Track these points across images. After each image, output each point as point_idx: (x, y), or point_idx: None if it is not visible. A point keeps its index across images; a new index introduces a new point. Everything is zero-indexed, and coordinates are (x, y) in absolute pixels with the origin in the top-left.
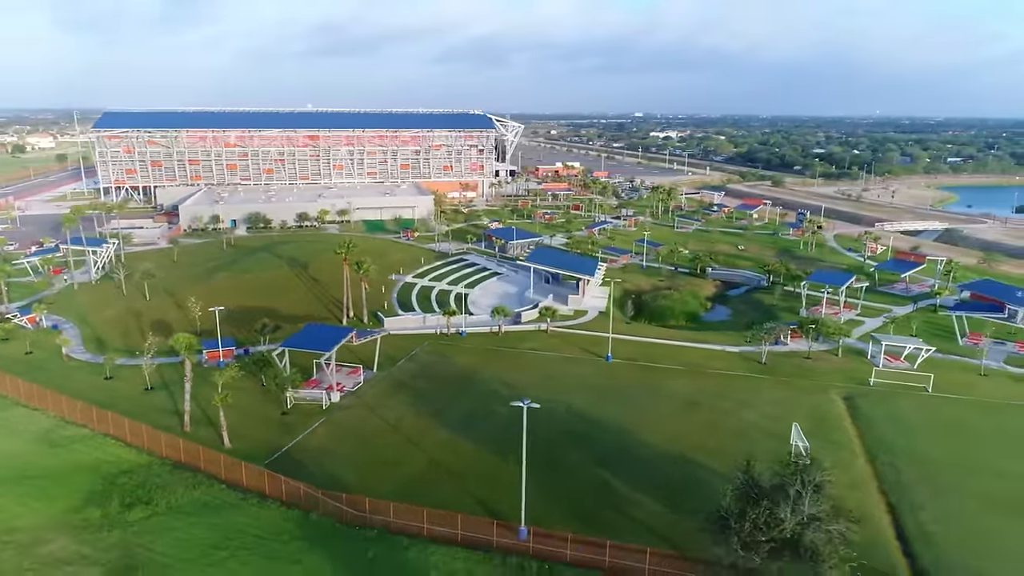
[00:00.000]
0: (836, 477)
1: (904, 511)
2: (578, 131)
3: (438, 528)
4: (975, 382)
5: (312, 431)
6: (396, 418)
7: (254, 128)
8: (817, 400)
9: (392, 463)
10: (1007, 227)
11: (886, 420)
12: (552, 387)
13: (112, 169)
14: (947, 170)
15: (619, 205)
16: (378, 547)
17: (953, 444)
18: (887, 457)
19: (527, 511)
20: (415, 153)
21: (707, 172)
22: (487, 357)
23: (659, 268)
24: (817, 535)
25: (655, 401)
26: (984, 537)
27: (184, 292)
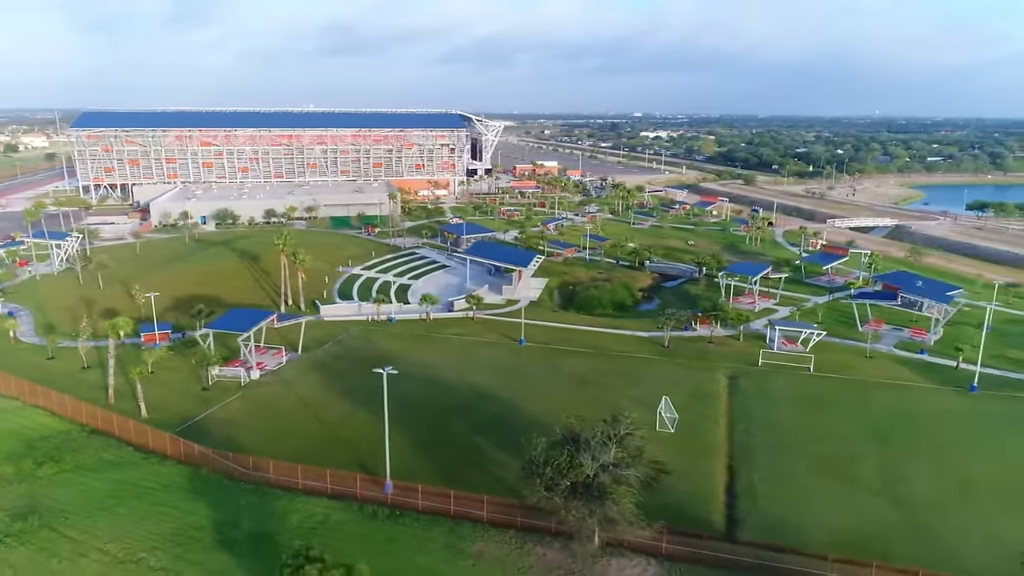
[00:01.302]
0: (692, 443)
1: (740, 470)
2: (571, 131)
3: (311, 483)
4: (858, 363)
5: (225, 404)
6: (307, 394)
7: (230, 128)
8: (703, 378)
9: (292, 432)
10: (955, 223)
11: (758, 395)
12: (461, 367)
13: (91, 167)
14: (920, 169)
15: (581, 202)
16: (253, 497)
17: (810, 415)
18: (744, 426)
19: (405, 470)
20: (387, 152)
21: (684, 171)
22: (410, 341)
23: (602, 261)
24: (606, 477)
25: (550, 379)
26: (800, 492)
27: (137, 282)
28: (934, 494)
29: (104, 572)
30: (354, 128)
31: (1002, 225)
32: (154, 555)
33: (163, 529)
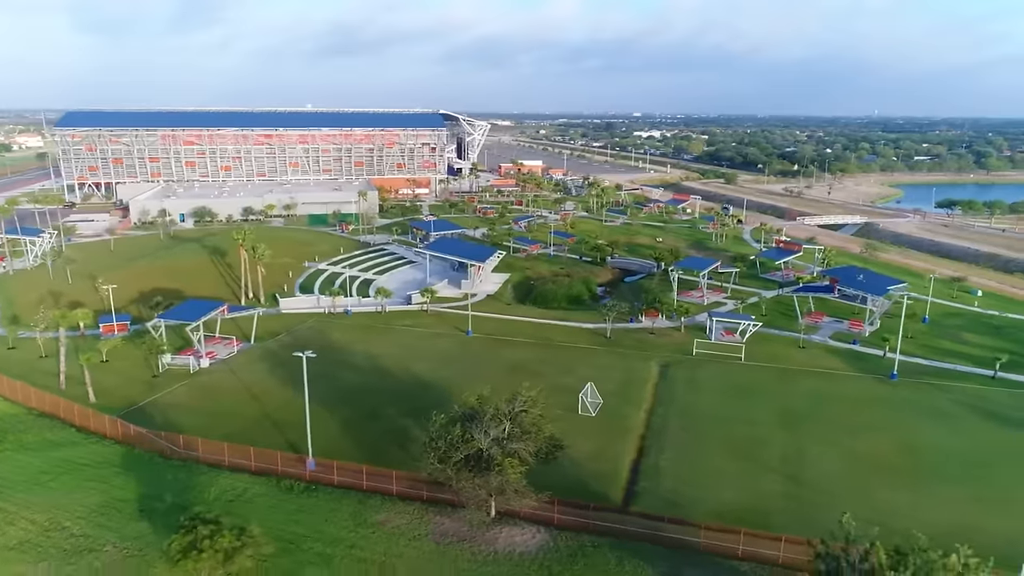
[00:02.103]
0: (610, 426)
1: (649, 451)
2: (566, 131)
3: (237, 460)
4: (790, 353)
5: (171, 390)
6: (252, 381)
7: (212, 127)
8: (636, 367)
9: (230, 415)
10: (924, 221)
11: (685, 382)
12: (406, 356)
13: (75, 166)
14: (903, 168)
15: (557, 200)
16: (179, 473)
17: (730, 401)
18: (664, 410)
19: (333, 450)
20: (369, 151)
21: (668, 170)
22: (361, 332)
23: (564, 257)
24: (496, 450)
25: (489, 367)
26: (701, 471)
27: (107, 277)
28: (828, 472)
29: (28, 539)
30: (336, 128)
31: (968, 223)
32: (77, 524)
33: (90, 501)
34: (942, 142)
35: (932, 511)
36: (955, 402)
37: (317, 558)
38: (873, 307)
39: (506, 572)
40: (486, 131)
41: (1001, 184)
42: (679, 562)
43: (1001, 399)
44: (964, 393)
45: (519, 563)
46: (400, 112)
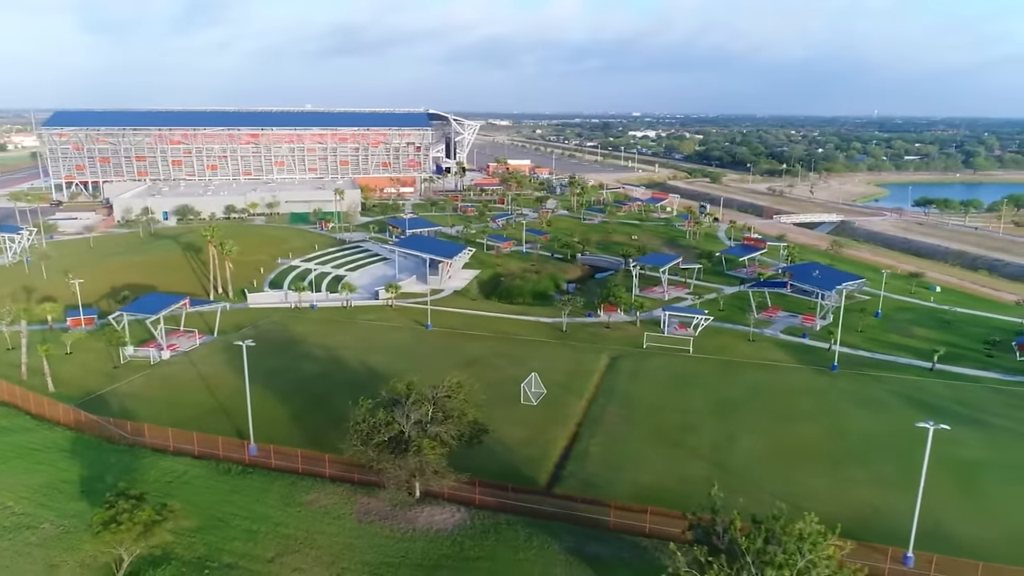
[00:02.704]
0: (550, 414)
1: (582, 437)
2: (562, 130)
3: (181, 445)
4: (739, 346)
5: (130, 380)
6: (209, 372)
7: (198, 127)
8: (586, 359)
9: (183, 403)
10: (900, 219)
11: (630, 374)
12: (364, 348)
13: (63, 165)
14: (891, 168)
15: (538, 199)
16: (124, 456)
17: (671, 391)
18: (604, 400)
19: (278, 435)
20: (354, 150)
21: (656, 169)
22: (324, 326)
23: (534, 254)
24: (416, 433)
25: (443, 359)
26: (628, 456)
27: (83, 273)
28: (753, 458)
29: None
30: (322, 127)
31: (943, 221)
32: (20, 503)
33: (35, 482)
34: (935, 142)
35: (844, 492)
36: (890, 392)
37: (243, 534)
38: (823, 302)
39: (420, 547)
40: (475, 131)
41: (988, 183)
42: (586, 538)
43: (935, 389)
44: (900, 384)
45: (434, 539)
46: (386, 112)
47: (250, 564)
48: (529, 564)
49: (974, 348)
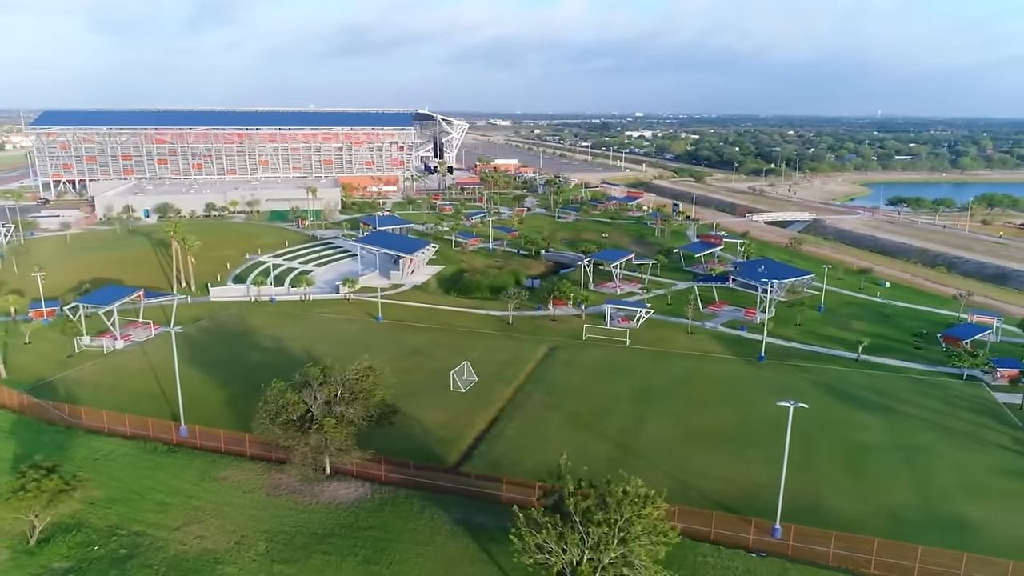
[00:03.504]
0: (475, 400)
1: (500, 421)
2: (561, 130)
3: (115, 426)
4: (676, 338)
5: (81, 368)
6: (159, 361)
7: (183, 126)
8: (524, 349)
9: (127, 389)
10: (871, 217)
11: (563, 363)
12: (312, 339)
13: (50, 164)
14: (877, 167)
15: (516, 198)
16: (58, 436)
17: (598, 379)
18: (531, 388)
19: (212, 418)
20: (338, 149)
21: (644, 169)
22: (279, 318)
23: (498, 251)
24: (321, 412)
25: (388, 349)
26: (539, 439)
27: (52, 268)
28: (658, 441)
29: None
30: (306, 127)
31: (913, 219)
32: None
33: None
34: (929, 142)
35: (735, 471)
36: (809, 381)
37: (156, 505)
38: (762, 295)
39: (319, 518)
40: (464, 131)
41: (973, 183)
42: (475, 511)
43: (854, 379)
44: (822, 373)
45: (333, 511)
46: (370, 112)
47: (156, 532)
48: (416, 533)
49: (905, 340)
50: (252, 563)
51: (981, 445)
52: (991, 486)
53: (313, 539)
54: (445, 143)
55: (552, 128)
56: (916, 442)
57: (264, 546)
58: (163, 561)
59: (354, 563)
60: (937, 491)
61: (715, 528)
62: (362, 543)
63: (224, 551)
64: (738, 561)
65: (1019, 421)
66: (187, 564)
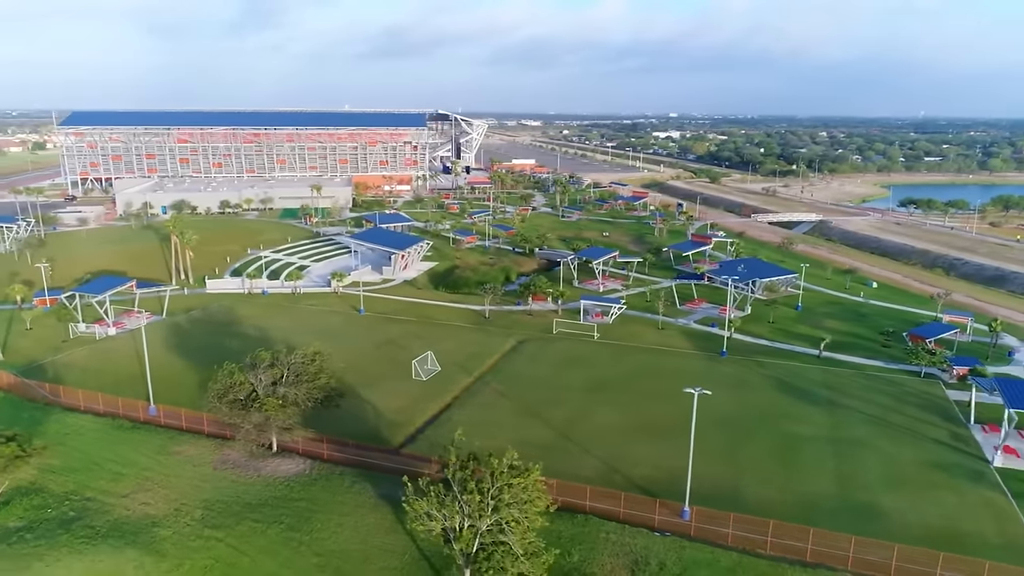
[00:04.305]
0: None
1: (452, 408)
2: (589, 131)
3: (90, 405)
4: (645, 333)
5: (72, 352)
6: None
7: (205, 126)
8: (494, 342)
9: (111, 372)
10: (879, 219)
11: (528, 356)
12: (294, 329)
13: (78, 162)
14: (901, 169)
15: (523, 197)
16: (36, 413)
17: (558, 371)
18: (491, 378)
19: (184, 400)
20: (353, 149)
21: (661, 169)
22: (266, 310)
23: (497, 248)
24: (266, 392)
25: (363, 340)
26: (485, 424)
27: (66, 260)
28: (599, 429)
29: None
30: (322, 127)
31: (922, 221)
32: None
33: None
34: (963, 143)
35: (664, 459)
36: (764, 376)
37: (110, 475)
38: (736, 293)
39: (255, 490)
40: (483, 131)
41: (1000, 184)
42: (400, 486)
43: (810, 375)
44: (780, 369)
45: (271, 484)
46: (384, 112)
47: (106, 498)
48: (341, 505)
49: (875, 339)
50: (186, 528)
51: (917, 439)
52: (914, 478)
53: (246, 508)
54: (464, 143)
55: (582, 129)
56: (853, 435)
57: (200, 513)
58: (106, 523)
59: (278, 530)
60: (858, 482)
61: (624, 508)
62: (289, 513)
63: (163, 516)
64: (639, 539)
65: (963, 417)
66: (127, 526)
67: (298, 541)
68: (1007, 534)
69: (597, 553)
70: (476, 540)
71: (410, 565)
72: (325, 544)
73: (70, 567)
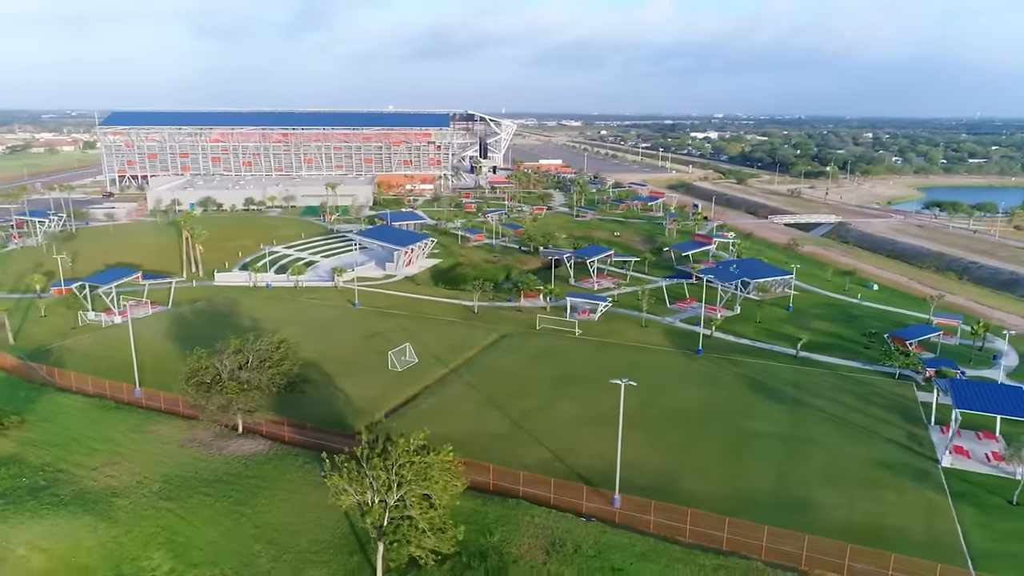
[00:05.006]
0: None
1: (420, 398)
2: (627, 132)
3: (82, 386)
4: (627, 330)
5: (78, 338)
6: (148, 335)
7: (235, 126)
8: (476, 335)
9: (110, 358)
10: (901, 222)
11: (506, 349)
12: (288, 321)
13: (116, 160)
14: (939, 171)
15: (540, 196)
16: (31, 392)
17: (529, 364)
18: (465, 370)
19: (170, 384)
20: (377, 149)
21: (690, 170)
22: (267, 302)
23: (502, 246)
24: (231, 376)
25: (351, 332)
26: (447, 413)
27: (89, 253)
28: (554, 420)
29: None
30: (348, 127)
31: (945, 224)
32: None
33: None
34: (1013, 144)
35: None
36: (735, 374)
37: (85, 450)
38: (722, 293)
39: (213, 467)
40: (512, 131)
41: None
42: None
43: (781, 373)
44: (753, 367)
45: (228, 462)
46: (409, 112)
47: (76, 470)
48: (289, 483)
49: (860, 340)
50: (142, 499)
51: (872, 439)
52: (857, 475)
53: (201, 483)
54: (492, 143)
55: (621, 129)
56: (807, 433)
57: (158, 486)
58: (71, 492)
59: (225, 504)
60: (799, 477)
61: (554, 494)
62: (239, 488)
63: (124, 488)
64: (563, 523)
65: (926, 419)
66: (89, 495)
67: (240, 514)
68: (933, 531)
69: (519, 534)
70: (386, 514)
71: (338, 539)
72: (265, 517)
73: (30, 529)
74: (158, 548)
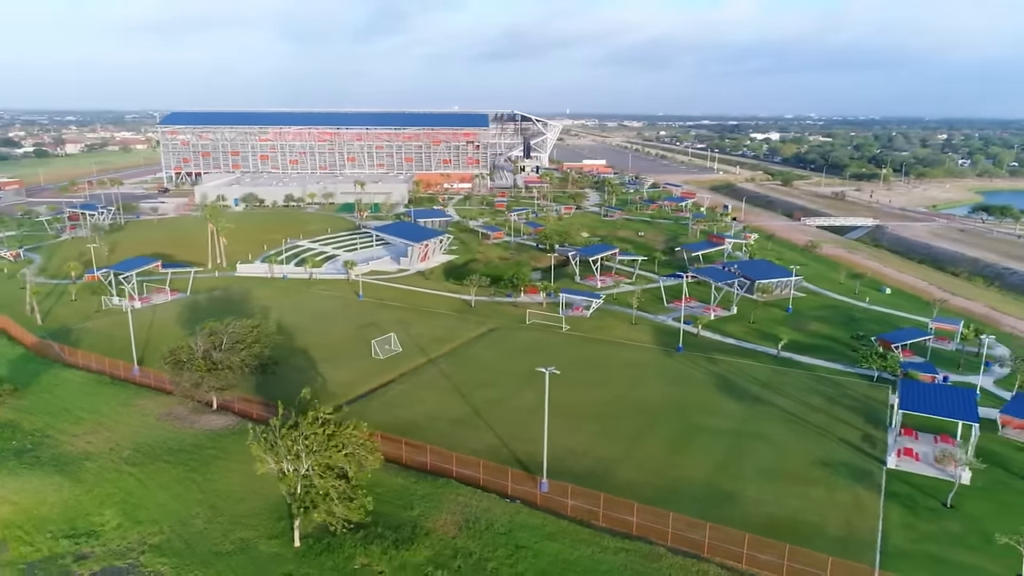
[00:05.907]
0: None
1: (392, 384)
2: (687, 132)
3: (89, 364)
4: (615, 327)
5: (98, 320)
6: (161, 319)
7: (283, 125)
8: (466, 328)
9: (122, 338)
10: (943, 226)
11: (491, 342)
12: (293, 310)
13: (172, 158)
14: (1004, 174)
15: (573, 196)
16: (41, 367)
17: (509, 357)
18: (445, 360)
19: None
20: (417, 148)
21: (737, 171)
22: (279, 292)
23: (518, 244)
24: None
25: (349, 322)
26: (413, 400)
27: (128, 242)
28: (513, 411)
29: None
30: (389, 127)
31: (990, 228)
32: None
33: None
34: None
35: (564, 439)
36: (709, 372)
37: (74, 419)
38: (716, 292)
39: (181, 438)
40: (558, 131)
41: None
42: None
43: (756, 373)
44: (729, 366)
45: (195, 435)
46: (451, 112)
47: (60, 435)
48: (242, 455)
49: (848, 342)
50: (110, 463)
51: (824, 438)
52: (794, 472)
53: (165, 452)
54: (538, 144)
55: (681, 130)
56: (758, 430)
57: (128, 453)
58: (50, 455)
59: (181, 470)
60: (733, 472)
61: (483, 476)
62: (195, 458)
63: (97, 453)
64: (485, 503)
65: (889, 423)
66: (65, 459)
67: (191, 480)
68: (851, 528)
69: (439, 510)
70: (299, 482)
71: (273, 506)
72: (213, 485)
73: (4, 484)
74: (111, 507)
